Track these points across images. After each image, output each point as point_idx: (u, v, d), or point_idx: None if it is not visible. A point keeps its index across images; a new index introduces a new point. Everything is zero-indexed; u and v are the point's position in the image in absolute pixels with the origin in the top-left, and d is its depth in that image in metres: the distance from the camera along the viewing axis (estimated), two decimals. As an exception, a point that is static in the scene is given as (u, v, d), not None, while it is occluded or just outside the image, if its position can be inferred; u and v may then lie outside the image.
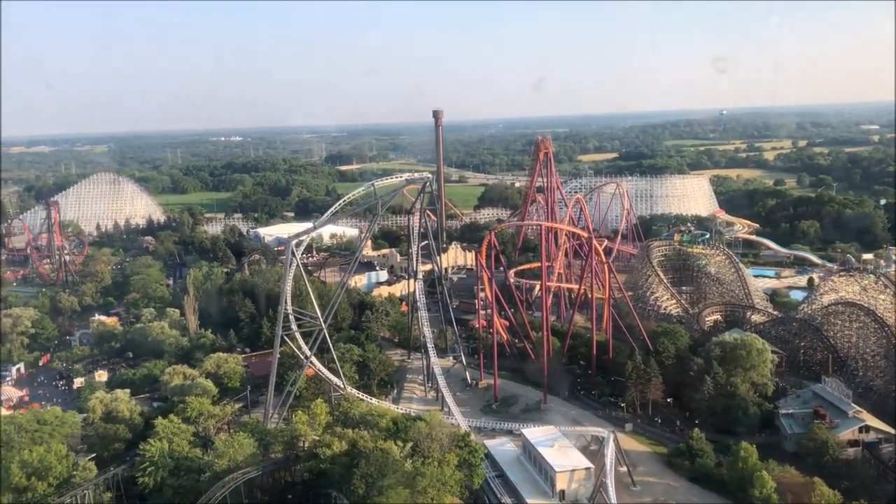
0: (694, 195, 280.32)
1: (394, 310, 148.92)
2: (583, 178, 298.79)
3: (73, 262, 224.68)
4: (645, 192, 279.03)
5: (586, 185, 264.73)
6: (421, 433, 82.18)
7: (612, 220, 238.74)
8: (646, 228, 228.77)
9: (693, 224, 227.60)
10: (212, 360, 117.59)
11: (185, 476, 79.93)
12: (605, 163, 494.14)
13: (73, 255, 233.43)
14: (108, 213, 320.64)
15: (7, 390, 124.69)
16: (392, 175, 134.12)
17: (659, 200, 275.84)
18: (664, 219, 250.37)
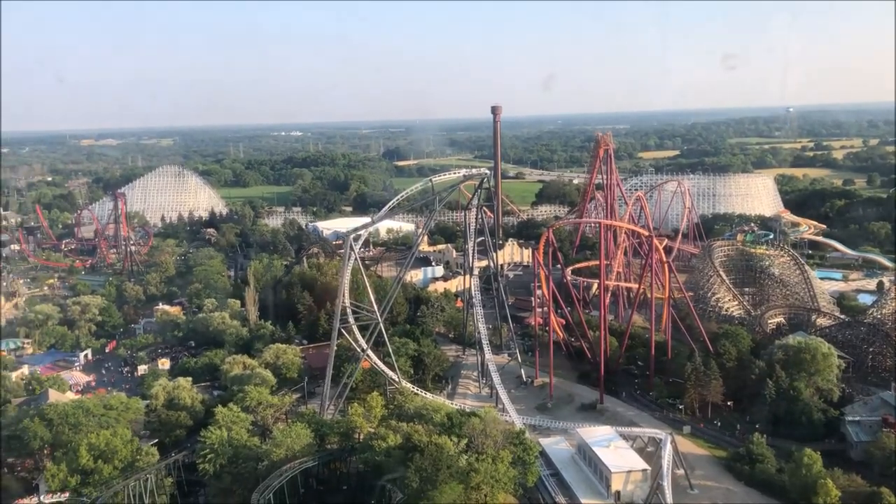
0: (758, 194, 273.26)
1: (449, 305, 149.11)
2: (643, 176, 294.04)
3: (139, 253, 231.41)
4: (707, 190, 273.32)
5: (647, 183, 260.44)
6: (475, 429, 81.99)
7: (672, 218, 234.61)
8: (707, 228, 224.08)
9: (757, 224, 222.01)
10: (271, 351, 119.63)
11: (243, 464, 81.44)
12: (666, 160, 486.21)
13: (138, 246, 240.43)
14: (172, 205, 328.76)
15: (75, 375, 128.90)
16: (449, 171, 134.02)
17: (721, 199, 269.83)
18: (727, 218, 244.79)
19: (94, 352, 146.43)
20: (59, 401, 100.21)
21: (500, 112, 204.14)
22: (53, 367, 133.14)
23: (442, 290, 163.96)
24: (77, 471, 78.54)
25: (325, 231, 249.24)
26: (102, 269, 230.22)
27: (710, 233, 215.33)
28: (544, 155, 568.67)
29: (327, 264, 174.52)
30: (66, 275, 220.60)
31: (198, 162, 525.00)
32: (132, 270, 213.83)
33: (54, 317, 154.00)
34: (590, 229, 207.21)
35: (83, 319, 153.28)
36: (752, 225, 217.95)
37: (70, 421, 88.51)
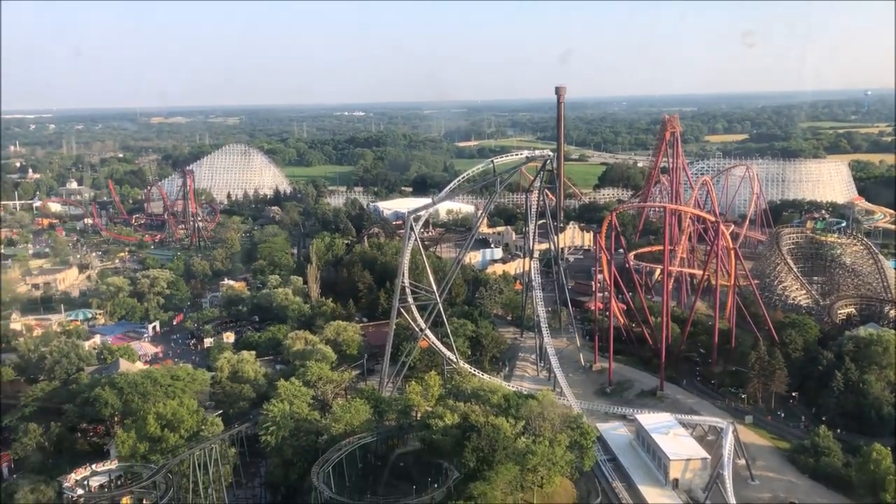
0: (830, 181, 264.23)
1: (507, 288, 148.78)
2: (710, 160, 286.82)
3: (206, 229, 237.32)
4: (776, 175, 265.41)
5: (713, 167, 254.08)
6: (533, 412, 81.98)
7: (739, 204, 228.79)
8: (775, 214, 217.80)
9: (828, 211, 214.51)
10: (331, 328, 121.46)
11: (303, 437, 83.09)
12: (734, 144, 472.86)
13: (205, 222, 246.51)
14: (238, 182, 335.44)
15: (144, 346, 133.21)
16: (510, 152, 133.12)
17: (791, 185, 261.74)
18: (796, 205, 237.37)
19: (161, 324, 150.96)
20: (129, 370, 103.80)
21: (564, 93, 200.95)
22: (123, 338, 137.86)
23: (500, 273, 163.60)
24: (145, 438, 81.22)
25: (385, 211, 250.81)
26: (171, 244, 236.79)
27: (779, 219, 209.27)
28: (608, 137, 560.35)
29: (387, 244, 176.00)
30: (136, 249, 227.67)
31: (263, 141, 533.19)
32: (199, 246, 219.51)
33: (125, 289, 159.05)
34: (654, 214, 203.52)
35: (152, 292, 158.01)
36: (823, 212, 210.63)
37: (139, 390, 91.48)
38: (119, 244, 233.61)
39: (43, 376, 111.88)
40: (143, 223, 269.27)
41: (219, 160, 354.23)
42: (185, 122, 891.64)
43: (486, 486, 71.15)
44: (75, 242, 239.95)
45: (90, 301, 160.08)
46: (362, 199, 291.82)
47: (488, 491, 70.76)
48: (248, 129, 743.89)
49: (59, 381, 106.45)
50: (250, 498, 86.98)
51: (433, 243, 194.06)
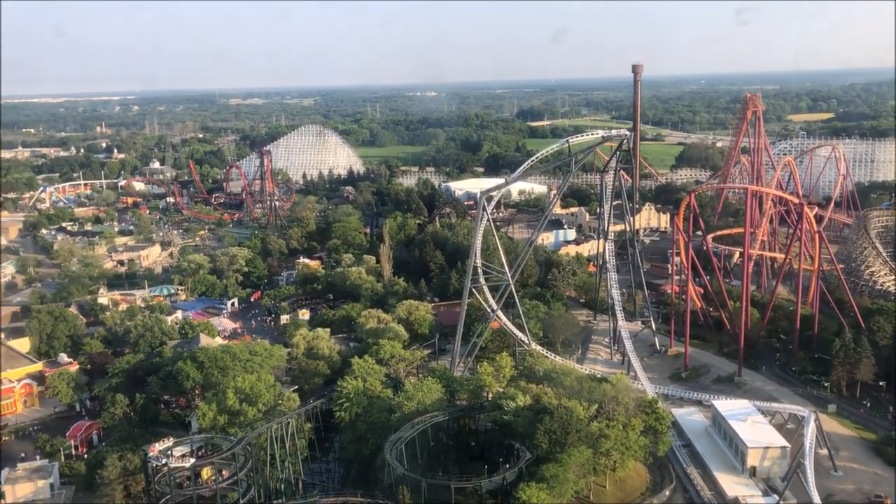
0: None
1: (581, 269, 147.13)
2: (793, 140, 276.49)
3: (282, 208, 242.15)
4: (864, 156, 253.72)
5: (797, 147, 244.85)
6: (606, 395, 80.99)
7: (824, 185, 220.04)
8: (863, 196, 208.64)
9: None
10: (404, 307, 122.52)
11: (376, 414, 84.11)
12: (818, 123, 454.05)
13: (282, 201, 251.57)
14: (313, 162, 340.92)
15: (223, 322, 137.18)
16: (585, 132, 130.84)
17: (881, 166, 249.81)
18: (886, 187, 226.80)
19: (240, 300, 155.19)
20: (209, 345, 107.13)
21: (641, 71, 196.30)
22: (204, 313, 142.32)
23: (574, 254, 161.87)
24: (225, 411, 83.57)
25: (457, 191, 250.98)
26: (248, 222, 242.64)
27: (866, 202, 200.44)
28: (686, 116, 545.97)
29: (459, 224, 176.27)
30: (216, 227, 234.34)
31: (337, 121, 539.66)
32: (276, 225, 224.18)
33: (205, 266, 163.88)
34: (733, 195, 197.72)
35: (231, 269, 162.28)
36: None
37: (219, 364, 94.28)
38: (199, 222, 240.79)
39: (128, 349, 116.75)
40: (222, 202, 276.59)
41: (295, 141, 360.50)
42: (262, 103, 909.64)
43: (559, 468, 70.76)
44: (158, 220, 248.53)
45: (172, 277, 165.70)
46: (434, 180, 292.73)
47: (560, 473, 70.36)
48: (323, 110, 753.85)
49: (143, 354, 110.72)
50: (324, 472, 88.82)
51: (505, 224, 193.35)
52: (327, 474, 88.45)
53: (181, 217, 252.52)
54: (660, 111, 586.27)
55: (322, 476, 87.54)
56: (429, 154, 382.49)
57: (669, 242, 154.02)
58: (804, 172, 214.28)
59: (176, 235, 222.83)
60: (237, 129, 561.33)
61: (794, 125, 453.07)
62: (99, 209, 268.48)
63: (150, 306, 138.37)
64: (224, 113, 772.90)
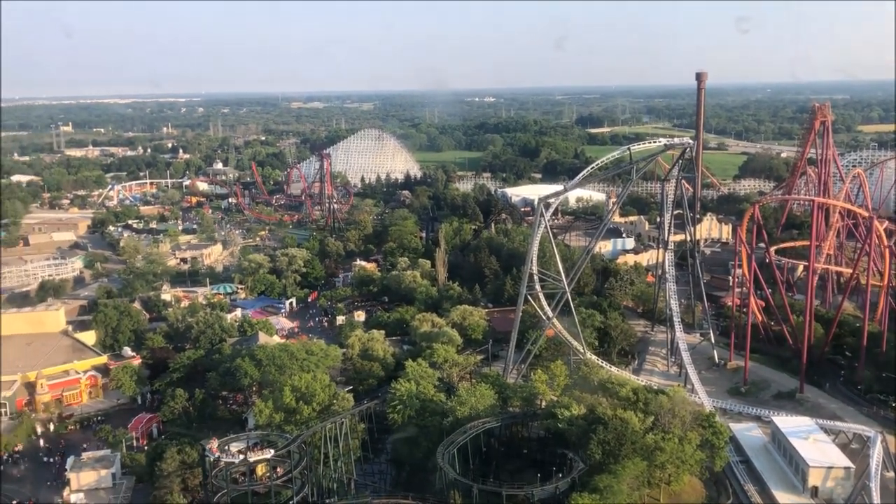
0: None
1: (639, 279, 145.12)
2: (863, 151, 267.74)
3: (340, 210, 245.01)
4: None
5: (867, 159, 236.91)
6: (662, 407, 79.62)
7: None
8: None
9: None
10: (458, 312, 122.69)
11: (429, 417, 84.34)
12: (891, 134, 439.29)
13: (340, 204, 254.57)
14: (371, 166, 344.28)
15: (281, 321, 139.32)
16: (646, 139, 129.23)
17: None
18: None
19: (297, 300, 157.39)
20: (267, 343, 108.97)
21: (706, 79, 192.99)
22: (262, 312, 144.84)
23: (632, 263, 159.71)
24: (281, 409, 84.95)
25: (513, 197, 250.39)
26: (307, 224, 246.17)
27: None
28: (750, 125, 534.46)
29: (515, 230, 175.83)
30: (276, 228, 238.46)
31: (395, 126, 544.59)
32: (334, 227, 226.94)
33: (265, 266, 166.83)
34: (798, 207, 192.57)
35: (289, 270, 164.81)
36: None
37: (276, 362, 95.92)
38: (260, 223, 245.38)
39: (189, 345, 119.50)
40: (282, 203, 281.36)
41: (354, 144, 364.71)
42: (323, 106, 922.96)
43: (612, 480, 69.82)
44: (220, 220, 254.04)
45: (233, 276, 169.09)
46: (491, 185, 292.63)
47: (614, 484, 69.40)
48: (382, 115, 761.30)
49: (203, 351, 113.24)
50: (376, 473, 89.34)
51: (562, 231, 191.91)
52: (379, 475, 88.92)
53: (243, 217, 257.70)
54: (723, 120, 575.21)
55: (374, 477, 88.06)
56: (486, 159, 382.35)
57: (731, 254, 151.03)
58: (874, 185, 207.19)
59: (237, 235, 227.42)
60: (298, 132, 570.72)
61: (865, 136, 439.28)
62: (164, 208, 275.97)
63: (210, 304, 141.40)
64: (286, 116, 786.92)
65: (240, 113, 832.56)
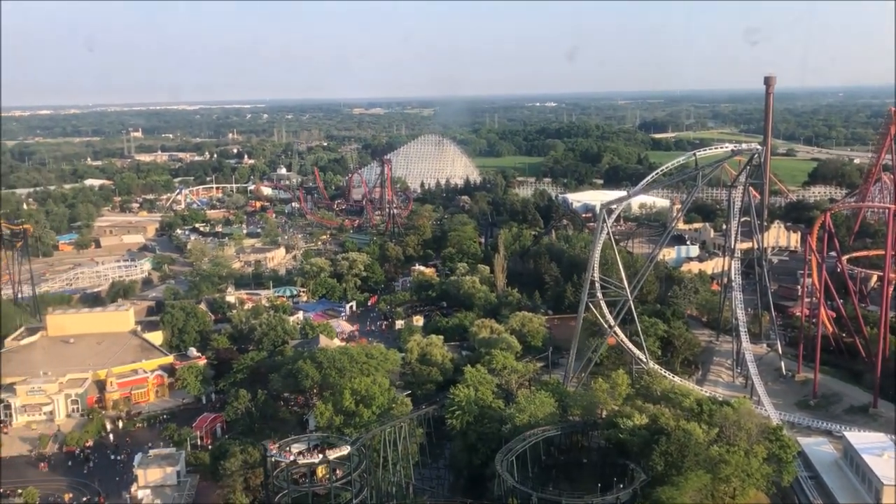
0: None
1: (703, 287, 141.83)
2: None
3: (400, 215, 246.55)
4: None
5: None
6: (727, 419, 77.59)
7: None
8: None
9: None
10: (517, 318, 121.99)
11: (488, 424, 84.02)
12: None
13: (400, 209, 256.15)
14: (431, 171, 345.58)
15: (342, 324, 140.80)
16: (711, 145, 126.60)
17: None
18: None
19: (357, 304, 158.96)
20: (328, 346, 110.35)
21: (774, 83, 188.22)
22: (323, 315, 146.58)
23: (696, 271, 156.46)
24: (341, 411, 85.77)
25: (574, 203, 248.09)
26: (367, 228, 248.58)
27: None
28: (820, 131, 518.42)
29: (576, 237, 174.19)
30: (337, 232, 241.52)
31: (455, 131, 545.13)
32: (393, 232, 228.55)
33: (326, 270, 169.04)
34: (872, 215, 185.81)
35: (350, 274, 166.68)
36: None
37: (337, 365, 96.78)
38: (322, 227, 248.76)
39: (252, 346, 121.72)
40: (343, 208, 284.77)
41: (414, 150, 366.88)
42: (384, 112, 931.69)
43: (675, 492, 68.28)
44: (283, 224, 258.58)
45: (295, 279, 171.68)
46: (551, 191, 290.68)
47: (677, 497, 67.86)
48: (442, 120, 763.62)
49: (266, 352, 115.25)
50: (435, 478, 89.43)
51: (624, 238, 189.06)
52: (437, 480, 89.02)
53: (305, 222, 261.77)
54: (792, 125, 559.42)
55: (432, 482, 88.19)
56: (546, 165, 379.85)
57: (800, 263, 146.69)
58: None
59: (300, 239, 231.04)
60: (359, 137, 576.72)
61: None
62: (229, 212, 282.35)
63: (273, 306, 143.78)
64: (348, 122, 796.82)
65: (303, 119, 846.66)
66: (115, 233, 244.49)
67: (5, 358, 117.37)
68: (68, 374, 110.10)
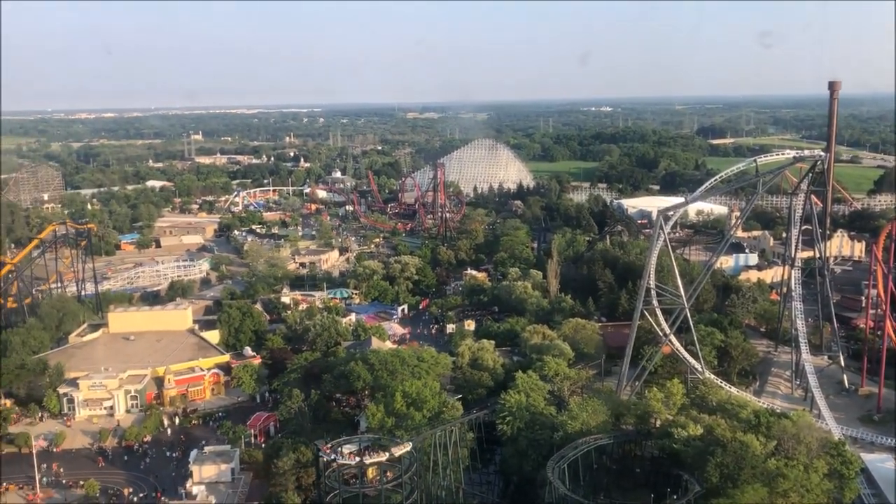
0: None
1: (762, 297, 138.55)
2: None
3: (452, 220, 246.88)
4: None
5: None
6: (786, 432, 75.65)
7: None
8: None
9: None
10: (570, 325, 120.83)
11: (539, 431, 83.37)
12: None
13: (452, 213, 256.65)
14: (484, 176, 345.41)
15: (393, 327, 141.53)
16: (772, 151, 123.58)
17: None
18: None
19: (409, 307, 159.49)
20: (380, 348, 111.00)
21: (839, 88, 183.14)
22: (375, 317, 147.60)
23: (755, 280, 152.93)
24: (392, 413, 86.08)
25: (629, 209, 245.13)
26: (420, 232, 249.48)
27: None
28: (888, 137, 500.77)
29: (631, 243, 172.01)
30: (390, 236, 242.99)
31: (509, 136, 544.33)
32: (446, 235, 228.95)
33: (378, 272, 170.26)
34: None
35: (402, 277, 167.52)
36: None
37: (388, 367, 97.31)
38: (375, 230, 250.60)
39: (306, 347, 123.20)
40: (396, 212, 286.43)
41: (467, 154, 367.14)
42: (437, 117, 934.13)
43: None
44: (337, 227, 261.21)
45: (348, 281, 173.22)
46: (606, 196, 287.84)
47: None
48: (496, 125, 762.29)
49: (319, 353, 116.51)
50: (485, 483, 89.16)
51: (681, 245, 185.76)
52: (487, 486, 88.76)
53: (358, 225, 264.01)
54: (857, 131, 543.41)
55: (482, 487, 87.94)
56: (601, 170, 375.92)
57: (864, 273, 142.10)
58: None
59: (353, 242, 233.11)
60: (413, 141, 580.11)
61: None
62: (285, 214, 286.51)
63: (327, 307, 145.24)
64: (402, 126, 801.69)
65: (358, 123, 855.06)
66: (175, 233, 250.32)
67: (69, 353, 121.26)
68: (128, 370, 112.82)
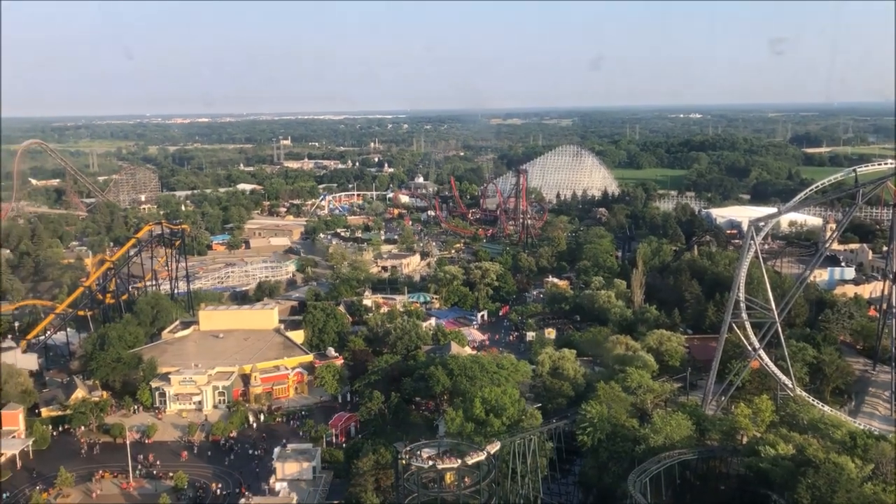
0: None
1: (859, 313, 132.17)
2: None
3: (534, 226, 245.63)
4: None
5: None
6: (885, 455, 71.91)
7: None
8: None
9: None
10: (654, 336, 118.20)
11: (620, 443, 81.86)
12: None
13: (534, 220, 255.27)
14: (567, 182, 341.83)
15: (473, 332, 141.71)
16: (872, 161, 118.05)
17: None
18: None
19: (489, 313, 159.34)
20: (459, 353, 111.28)
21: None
22: (455, 323, 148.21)
23: (851, 295, 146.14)
24: (471, 419, 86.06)
25: (718, 218, 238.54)
26: (501, 238, 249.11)
27: None
28: None
29: (719, 253, 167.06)
30: (471, 241, 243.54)
31: (594, 142, 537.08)
32: (527, 242, 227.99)
33: (459, 278, 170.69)
34: None
35: (482, 283, 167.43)
36: None
37: (468, 373, 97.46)
38: (456, 236, 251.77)
39: (387, 349, 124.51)
40: (477, 217, 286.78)
41: (551, 160, 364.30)
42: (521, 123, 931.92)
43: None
44: (419, 231, 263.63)
45: (428, 286, 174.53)
46: (694, 205, 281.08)
47: (824, 535, 63.59)
48: (581, 131, 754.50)
49: (399, 356, 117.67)
50: (563, 493, 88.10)
51: (772, 257, 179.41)
52: (566, 496, 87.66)
53: (440, 230, 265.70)
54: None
55: (560, 497, 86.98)
56: (690, 178, 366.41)
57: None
58: None
59: (434, 247, 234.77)
60: (496, 147, 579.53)
61: None
62: (368, 218, 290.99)
63: (407, 311, 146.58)
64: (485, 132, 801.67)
65: (441, 129, 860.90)
66: (264, 235, 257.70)
67: (161, 349, 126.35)
68: (217, 367, 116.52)
